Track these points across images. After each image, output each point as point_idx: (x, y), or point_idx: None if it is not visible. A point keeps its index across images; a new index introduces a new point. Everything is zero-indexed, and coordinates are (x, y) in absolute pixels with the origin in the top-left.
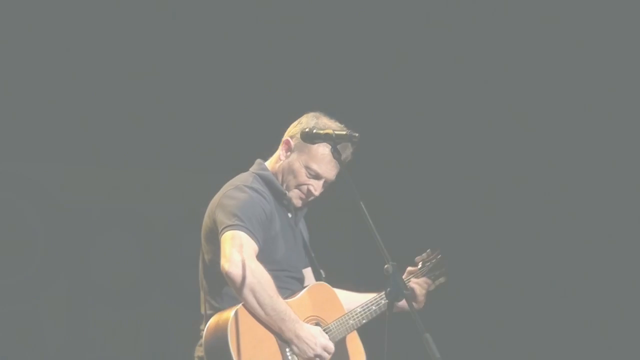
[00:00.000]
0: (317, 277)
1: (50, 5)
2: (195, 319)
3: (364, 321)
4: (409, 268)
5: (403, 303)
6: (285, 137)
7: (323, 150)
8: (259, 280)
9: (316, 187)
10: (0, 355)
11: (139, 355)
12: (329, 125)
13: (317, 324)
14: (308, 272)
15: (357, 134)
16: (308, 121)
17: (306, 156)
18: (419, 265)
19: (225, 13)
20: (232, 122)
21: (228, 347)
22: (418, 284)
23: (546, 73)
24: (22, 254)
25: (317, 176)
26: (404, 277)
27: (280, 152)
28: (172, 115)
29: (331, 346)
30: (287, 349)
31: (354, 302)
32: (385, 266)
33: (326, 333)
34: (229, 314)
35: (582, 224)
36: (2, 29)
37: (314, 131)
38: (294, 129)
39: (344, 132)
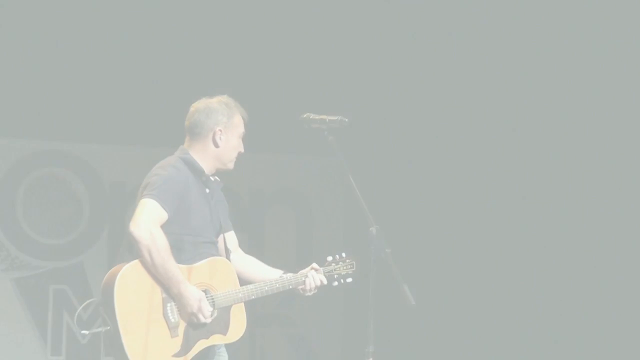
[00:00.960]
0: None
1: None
2: None
3: (252, 297)
4: (314, 264)
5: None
6: (211, 127)
7: (240, 117)
8: (156, 242)
9: (243, 145)
10: (54, 301)
11: None
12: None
13: (205, 291)
14: (228, 236)
15: (347, 119)
16: (216, 107)
17: (238, 129)
18: (327, 265)
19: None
20: (260, 106)
21: (113, 290)
22: (312, 278)
23: (545, 73)
24: (72, 219)
25: (243, 136)
26: (305, 270)
27: (215, 140)
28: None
29: (206, 309)
30: (169, 304)
31: (265, 277)
32: (370, 228)
33: (213, 299)
34: (125, 264)
35: (580, 224)
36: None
37: (310, 117)
38: (215, 117)
39: (335, 118)
